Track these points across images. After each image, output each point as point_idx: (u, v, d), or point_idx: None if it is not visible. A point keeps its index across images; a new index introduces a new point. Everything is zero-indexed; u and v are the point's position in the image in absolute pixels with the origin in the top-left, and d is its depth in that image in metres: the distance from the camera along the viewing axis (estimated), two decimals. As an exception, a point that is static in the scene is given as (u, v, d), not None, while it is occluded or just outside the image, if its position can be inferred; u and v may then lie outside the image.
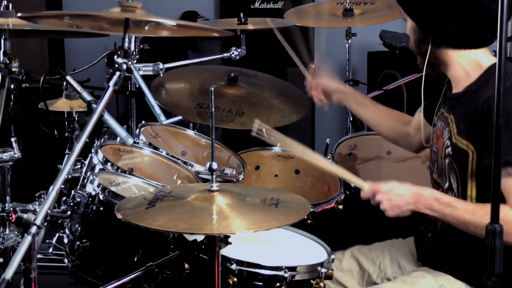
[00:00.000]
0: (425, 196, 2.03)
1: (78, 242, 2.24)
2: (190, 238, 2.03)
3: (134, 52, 3.40)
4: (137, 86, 3.24)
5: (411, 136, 2.48)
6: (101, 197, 2.24)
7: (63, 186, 2.82)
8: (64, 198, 2.64)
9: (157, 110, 3.00)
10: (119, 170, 2.39)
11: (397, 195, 2.02)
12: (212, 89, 1.79)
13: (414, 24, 2.11)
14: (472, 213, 1.94)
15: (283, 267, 1.98)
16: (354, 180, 2.14)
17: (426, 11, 2.04)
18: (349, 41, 3.63)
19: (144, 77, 3.13)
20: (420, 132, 2.33)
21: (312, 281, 2.02)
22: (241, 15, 3.15)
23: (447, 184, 2.13)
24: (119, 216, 1.74)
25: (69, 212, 2.35)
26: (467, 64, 2.09)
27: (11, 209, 2.39)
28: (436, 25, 2.05)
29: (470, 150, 2.02)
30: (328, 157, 2.92)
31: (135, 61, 3.29)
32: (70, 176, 3.00)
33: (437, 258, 2.18)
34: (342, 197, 2.66)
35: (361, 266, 2.40)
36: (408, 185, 2.04)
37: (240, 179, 2.57)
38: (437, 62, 2.13)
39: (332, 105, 2.63)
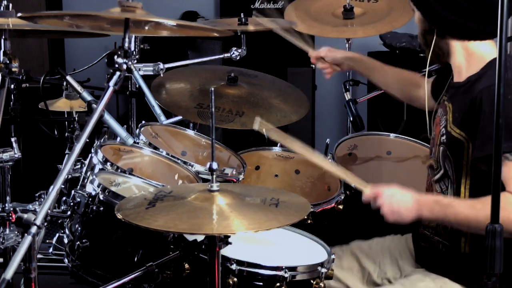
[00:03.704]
0: (426, 200, 2.02)
1: (78, 242, 2.24)
2: (190, 238, 2.03)
3: (134, 52, 3.40)
4: (137, 86, 3.24)
5: (423, 100, 2.40)
6: (101, 197, 2.24)
7: (63, 186, 2.82)
8: (64, 198, 2.64)
9: (157, 110, 3.00)
10: (119, 170, 2.39)
11: (398, 201, 2.00)
12: (212, 89, 1.79)
13: (421, 14, 2.15)
14: (471, 207, 1.92)
15: (283, 267, 1.98)
16: (355, 182, 2.12)
17: (431, 1, 2.08)
18: (349, 41, 3.63)
19: (144, 77, 3.13)
20: (425, 105, 2.32)
21: (312, 281, 2.02)
22: (242, 15, 3.15)
23: (442, 171, 2.14)
24: (119, 216, 1.73)
25: (69, 212, 2.35)
26: (469, 56, 2.12)
27: (11, 209, 2.39)
28: (440, 15, 2.07)
29: (464, 139, 2.04)
30: (328, 157, 2.92)
31: (135, 61, 3.29)
32: (70, 176, 2.99)
33: (434, 260, 2.19)
34: (342, 197, 2.66)
35: (361, 264, 2.40)
36: (409, 191, 2.03)
37: (240, 179, 2.57)
38: (442, 53, 2.17)
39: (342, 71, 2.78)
